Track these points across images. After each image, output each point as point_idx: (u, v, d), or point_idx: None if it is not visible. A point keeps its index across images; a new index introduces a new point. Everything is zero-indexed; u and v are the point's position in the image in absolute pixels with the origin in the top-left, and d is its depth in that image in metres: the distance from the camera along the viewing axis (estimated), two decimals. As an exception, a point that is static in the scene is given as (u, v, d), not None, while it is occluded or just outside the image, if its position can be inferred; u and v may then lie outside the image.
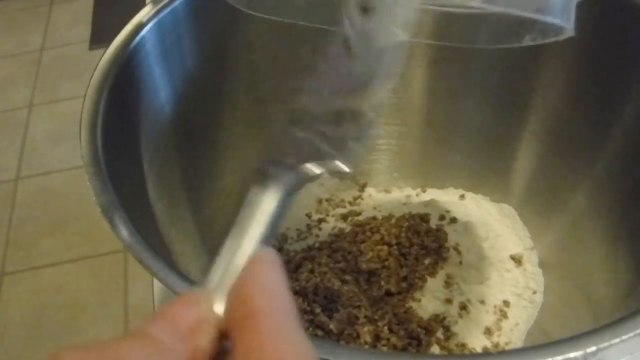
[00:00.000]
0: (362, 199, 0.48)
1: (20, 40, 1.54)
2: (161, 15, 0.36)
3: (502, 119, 0.45)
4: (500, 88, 0.44)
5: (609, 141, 0.39)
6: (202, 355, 0.15)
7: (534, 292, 0.41)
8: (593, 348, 0.22)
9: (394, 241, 0.40)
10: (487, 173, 0.47)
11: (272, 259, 0.17)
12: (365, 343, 0.35)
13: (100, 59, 0.33)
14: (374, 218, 0.44)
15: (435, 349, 0.37)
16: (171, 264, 0.25)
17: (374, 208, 0.47)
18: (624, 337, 0.22)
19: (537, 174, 0.44)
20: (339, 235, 0.44)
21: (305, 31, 0.44)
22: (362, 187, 0.49)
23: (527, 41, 0.29)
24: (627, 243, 0.36)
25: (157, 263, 0.25)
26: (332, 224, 0.46)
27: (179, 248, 0.36)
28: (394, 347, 0.36)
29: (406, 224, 0.42)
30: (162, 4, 0.36)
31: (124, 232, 0.26)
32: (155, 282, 0.39)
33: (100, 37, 1.51)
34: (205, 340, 0.16)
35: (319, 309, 0.36)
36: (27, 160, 1.26)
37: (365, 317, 0.36)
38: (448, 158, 0.48)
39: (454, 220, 0.43)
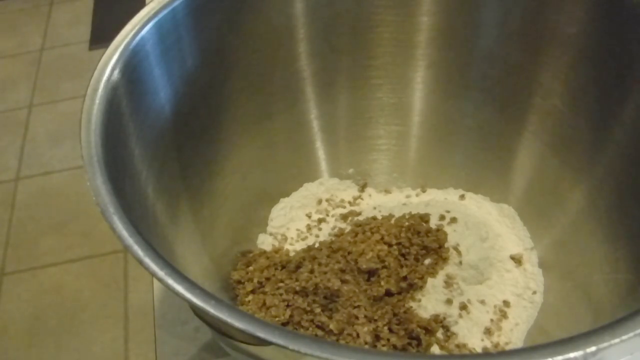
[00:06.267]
0: (362, 199, 0.48)
1: (20, 40, 1.54)
2: (161, 15, 0.36)
3: (502, 119, 0.45)
4: (500, 88, 0.44)
5: (609, 141, 0.39)
6: None
7: (534, 292, 0.41)
8: (593, 348, 0.22)
9: (394, 241, 0.40)
10: (487, 173, 0.47)
11: None
12: (365, 343, 0.35)
13: (100, 59, 0.33)
14: (374, 218, 0.44)
15: (435, 349, 0.37)
16: (171, 264, 0.25)
17: (374, 208, 0.47)
18: (624, 337, 0.22)
19: (537, 174, 0.44)
20: (339, 235, 0.44)
21: (305, 31, 0.44)
22: (362, 187, 0.49)
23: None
24: (627, 243, 0.36)
25: (157, 263, 0.25)
26: (332, 224, 0.46)
27: (179, 248, 0.36)
28: (394, 347, 0.36)
29: (406, 224, 0.42)
30: (161, 4, 0.36)
31: (124, 232, 0.26)
32: (155, 282, 0.39)
33: (100, 37, 1.51)
34: None
35: (319, 309, 0.36)
36: (27, 160, 1.26)
37: (365, 317, 0.36)
38: (448, 158, 0.48)
39: (454, 220, 0.43)
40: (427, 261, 0.40)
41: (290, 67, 0.45)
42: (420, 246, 0.40)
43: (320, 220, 0.46)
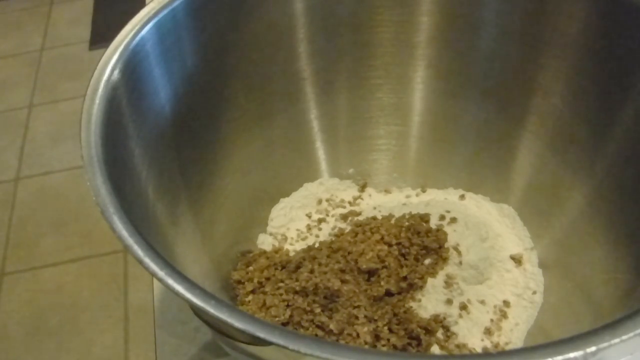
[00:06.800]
0: (362, 199, 0.48)
1: (20, 40, 1.54)
2: (161, 15, 0.36)
3: (502, 119, 0.45)
4: (500, 88, 0.44)
5: (609, 141, 0.39)
6: None
7: (534, 292, 0.41)
8: (593, 348, 0.22)
9: (394, 241, 0.40)
10: (487, 173, 0.47)
11: None
12: (365, 343, 0.35)
13: (100, 59, 0.33)
14: (374, 218, 0.44)
15: (435, 349, 0.37)
16: (171, 264, 0.25)
17: (374, 208, 0.47)
18: (624, 337, 0.22)
19: (537, 174, 0.44)
20: (339, 235, 0.44)
21: (305, 31, 0.44)
22: (362, 187, 0.49)
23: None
24: (627, 243, 0.36)
25: (157, 263, 0.25)
26: (332, 224, 0.46)
27: (179, 248, 0.36)
28: (394, 347, 0.36)
29: (406, 224, 0.42)
30: (161, 4, 0.36)
31: (124, 232, 0.26)
32: (155, 282, 0.39)
33: (100, 37, 1.51)
34: None
35: (319, 309, 0.36)
36: (27, 160, 1.26)
37: (365, 317, 0.36)
38: (448, 158, 0.48)
39: (454, 220, 0.43)
40: (427, 261, 0.40)
41: (290, 67, 0.45)
42: (420, 246, 0.40)
43: (320, 220, 0.46)
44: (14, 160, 1.26)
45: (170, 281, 0.24)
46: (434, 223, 0.43)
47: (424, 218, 0.43)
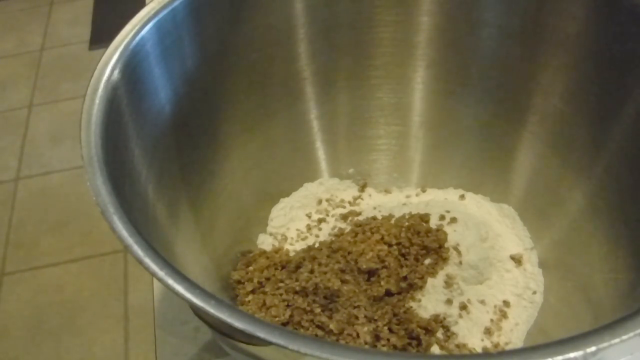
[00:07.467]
0: (362, 199, 0.48)
1: (20, 40, 1.54)
2: (161, 15, 0.36)
3: (502, 119, 0.45)
4: (500, 88, 0.44)
5: (609, 141, 0.39)
6: None
7: (534, 292, 0.41)
8: (593, 348, 0.22)
9: (394, 241, 0.40)
10: (487, 173, 0.47)
11: None
12: (365, 343, 0.35)
13: (100, 59, 0.33)
14: (374, 218, 0.44)
15: (435, 349, 0.37)
16: (171, 264, 0.25)
17: (374, 208, 0.47)
18: (624, 337, 0.22)
19: (537, 174, 0.44)
20: (339, 235, 0.44)
21: (305, 31, 0.44)
22: (362, 187, 0.49)
23: None
24: (627, 243, 0.36)
25: (157, 263, 0.25)
26: (332, 224, 0.46)
27: (179, 248, 0.36)
28: (394, 347, 0.36)
29: (406, 224, 0.42)
30: (161, 4, 0.36)
31: (124, 232, 0.26)
32: (155, 282, 0.39)
33: (100, 37, 1.51)
34: None
35: (319, 309, 0.36)
36: (27, 160, 1.26)
37: (365, 317, 0.36)
38: (448, 158, 0.48)
39: (454, 220, 0.43)
40: (427, 261, 0.40)
41: (290, 67, 0.45)
42: (420, 246, 0.40)
43: (320, 220, 0.46)
44: (14, 160, 1.26)
45: (170, 281, 0.24)
46: (434, 223, 0.43)
47: (424, 218, 0.43)
